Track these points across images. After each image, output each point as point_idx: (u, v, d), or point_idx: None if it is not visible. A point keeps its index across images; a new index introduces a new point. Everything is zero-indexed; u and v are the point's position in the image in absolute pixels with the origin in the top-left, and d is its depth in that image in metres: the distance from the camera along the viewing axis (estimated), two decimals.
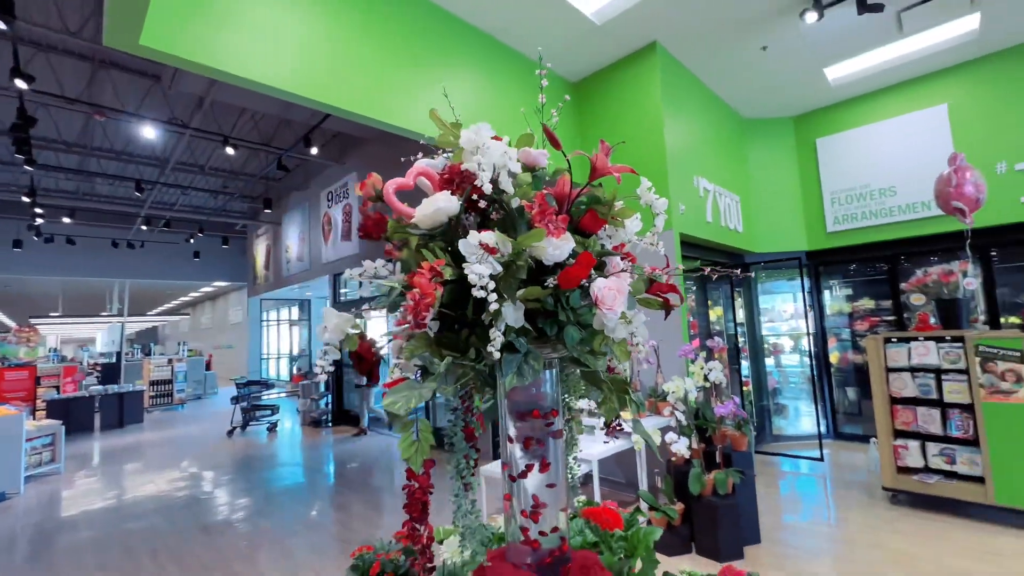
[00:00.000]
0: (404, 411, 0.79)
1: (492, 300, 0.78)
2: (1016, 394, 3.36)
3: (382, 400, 0.83)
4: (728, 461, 3.38)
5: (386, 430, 8.31)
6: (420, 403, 0.81)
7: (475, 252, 0.80)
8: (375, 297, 1.04)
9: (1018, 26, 4.55)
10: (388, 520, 4.37)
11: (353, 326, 0.97)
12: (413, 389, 0.83)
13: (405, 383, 0.85)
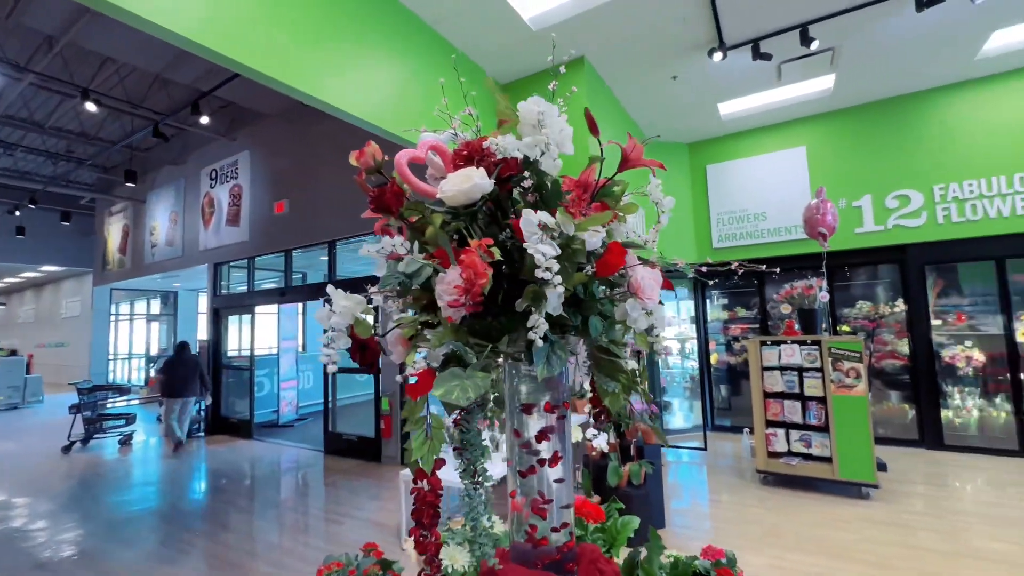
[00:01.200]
0: (464, 400, 0.71)
1: (557, 283, 0.74)
2: (856, 388, 4.11)
3: (434, 393, 0.74)
4: (640, 454, 3.63)
5: (269, 437, 7.53)
6: (479, 394, 0.74)
7: (535, 232, 0.75)
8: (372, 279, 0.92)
9: (862, 89, 5.62)
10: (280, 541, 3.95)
11: (364, 310, 0.86)
12: (462, 379, 0.75)
13: (449, 373, 0.77)
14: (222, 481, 5.51)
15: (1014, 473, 4.63)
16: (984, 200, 5.36)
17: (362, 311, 0.85)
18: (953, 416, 5.60)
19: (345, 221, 6.53)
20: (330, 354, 0.81)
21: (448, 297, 0.80)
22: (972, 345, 5.62)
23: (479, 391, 0.73)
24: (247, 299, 8.02)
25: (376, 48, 3.54)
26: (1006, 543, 3.24)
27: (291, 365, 9.12)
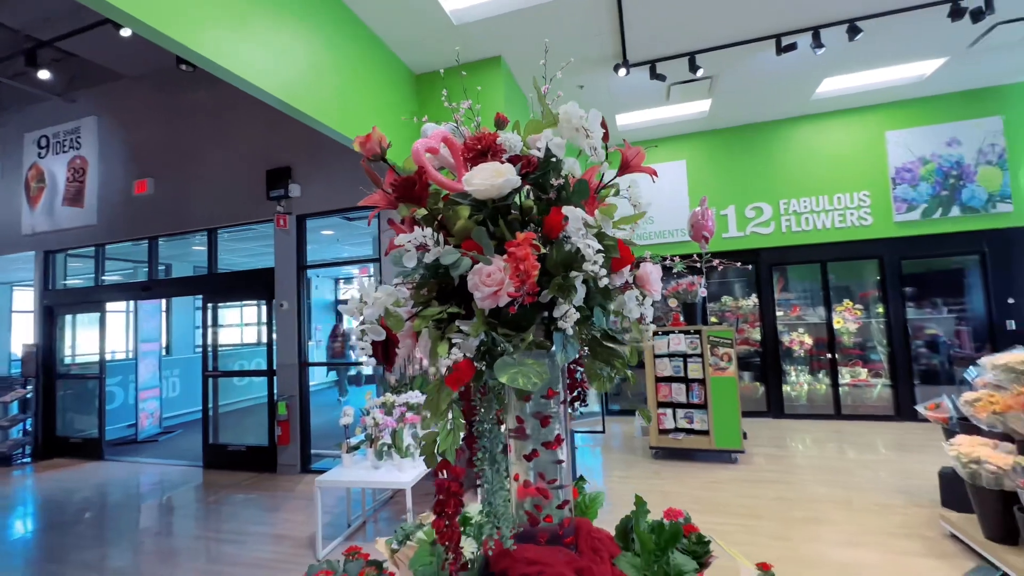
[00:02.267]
0: (531, 386, 0.74)
1: (602, 275, 0.80)
2: (728, 370, 4.83)
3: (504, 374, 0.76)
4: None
5: (127, 456, 6.44)
6: (544, 380, 0.77)
7: (580, 227, 0.80)
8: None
9: (731, 115, 6.54)
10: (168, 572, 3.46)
11: (396, 302, 0.84)
12: (520, 366, 0.78)
13: (502, 361, 0.79)
14: (71, 511, 4.59)
15: (832, 432, 5.83)
16: (813, 214, 6.61)
17: (393, 303, 0.83)
18: (790, 390, 6.85)
19: (228, 207, 5.82)
20: (364, 347, 0.78)
21: (488, 289, 0.82)
22: (803, 332, 6.91)
23: (543, 378, 0.77)
24: (95, 294, 6.73)
25: (288, 19, 3.24)
26: (829, 487, 4.10)
27: (153, 371, 7.87)
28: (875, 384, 6.58)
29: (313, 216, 5.55)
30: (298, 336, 5.38)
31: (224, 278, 6.13)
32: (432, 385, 0.92)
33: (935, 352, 6.54)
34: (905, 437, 5.48)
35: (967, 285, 6.43)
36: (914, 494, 3.85)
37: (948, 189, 6.08)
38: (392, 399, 3.68)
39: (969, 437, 2.96)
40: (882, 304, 6.53)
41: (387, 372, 0.98)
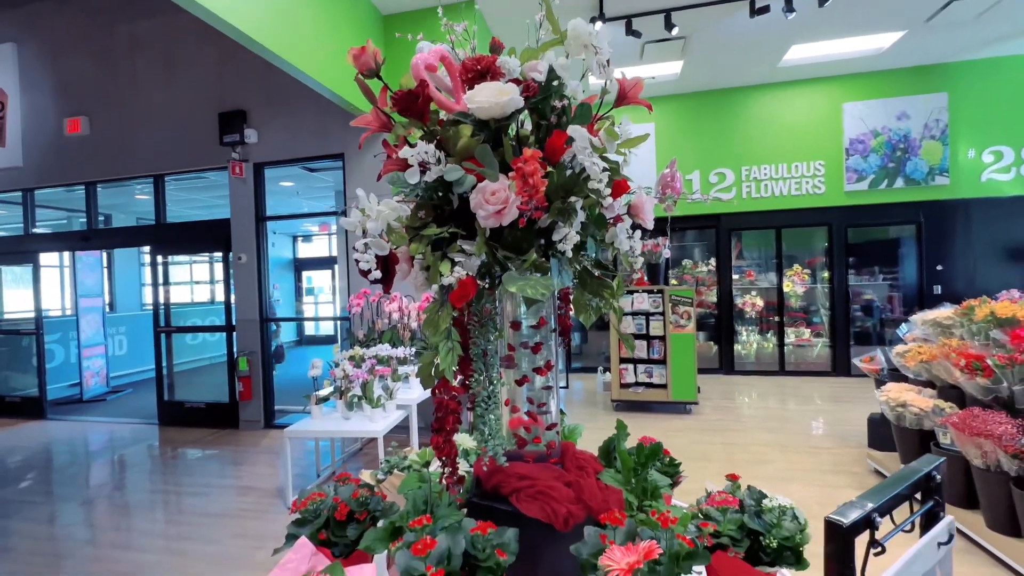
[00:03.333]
0: (540, 296, 0.76)
1: (606, 194, 0.82)
2: (687, 327, 5.07)
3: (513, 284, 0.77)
4: None
5: (72, 415, 6.15)
6: (550, 292, 0.79)
7: (586, 146, 0.81)
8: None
9: (700, 79, 6.58)
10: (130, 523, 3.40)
11: (399, 220, 0.83)
12: (527, 280, 0.80)
13: (508, 276, 0.80)
14: (14, 468, 4.37)
15: (776, 386, 6.29)
16: (771, 182, 6.86)
17: (395, 219, 0.82)
18: (741, 349, 7.29)
19: (177, 152, 5.41)
20: (368, 260, 0.77)
21: (491, 207, 0.82)
22: (755, 295, 7.30)
23: (549, 290, 0.79)
24: (26, 243, 6.18)
25: None
26: (771, 433, 4.48)
27: (96, 328, 7.41)
28: (816, 343, 7.11)
29: (271, 165, 5.25)
30: (259, 291, 5.18)
31: (174, 229, 5.76)
32: (432, 305, 0.93)
33: (869, 315, 7.10)
34: (840, 390, 5.99)
35: (901, 255, 6.95)
36: (845, 438, 4.26)
37: (895, 161, 6.44)
38: (361, 352, 3.66)
39: (897, 384, 3.28)
40: (828, 270, 6.97)
41: (385, 291, 0.97)
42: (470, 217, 0.89)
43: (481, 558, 0.84)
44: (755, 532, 0.94)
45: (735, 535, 0.94)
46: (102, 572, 2.71)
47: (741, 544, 0.93)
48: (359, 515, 1.05)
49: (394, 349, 3.75)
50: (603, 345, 7.33)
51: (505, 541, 0.89)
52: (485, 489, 1.06)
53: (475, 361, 1.03)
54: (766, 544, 0.92)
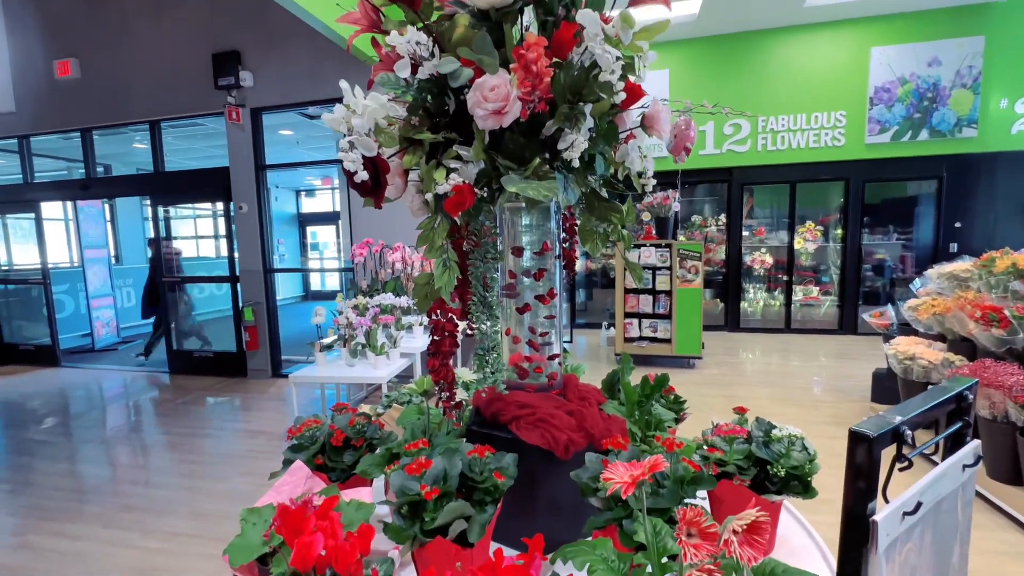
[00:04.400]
0: (542, 197, 0.70)
1: (619, 88, 0.73)
2: (694, 282, 5.00)
3: (515, 185, 0.70)
4: None
5: (85, 363, 6.28)
6: (552, 195, 0.72)
7: (598, 32, 0.72)
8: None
9: (720, 20, 6.18)
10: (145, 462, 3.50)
11: (387, 118, 0.75)
12: (528, 182, 0.73)
13: (508, 178, 0.73)
14: (34, 410, 4.51)
15: (781, 343, 6.27)
16: (788, 133, 6.58)
17: (384, 118, 0.74)
18: (747, 306, 7.24)
19: (171, 96, 5.22)
20: (354, 160, 0.70)
21: (491, 105, 0.74)
22: (765, 252, 7.17)
23: (552, 192, 0.72)
24: (26, 192, 6.12)
25: None
26: (773, 387, 4.49)
27: (103, 280, 7.46)
28: (824, 301, 7.03)
29: (269, 110, 5.07)
30: (261, 241, 5.13)
31: (174, 177, 5.65)
32: (427, 221, 0.86)
33: (880, 275, 6.98)
34: (845, 348, 5.97)
35: (918, 214, 6.75)
36: (847, 392, 4.27)
37: (921, 112, 6.12)
38: (365, 301, 3.64)
39: (907, 338, 3.23)
40: (841, 227, 6.79)
41: (376, 206, 0.89)
42: (467, 122, 0.81)
43: (478, 480, 0.82)
44: (762, 461, 0.91)
45: (741, 464, 0.91)
46: (118, 505, 2.81)
47: (747, 473, 0.91)
48: (356, 442, 1.03)
49: (397, 298, 3.72)
50: (608, 301, 7.30)
51: (504, 465, 0.86)
52: (484, 418, 1.03)
53: (474, 284, 0.98)
54: (773, 473, 0.89)
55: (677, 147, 3.36)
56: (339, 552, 0.62)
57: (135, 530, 2.54)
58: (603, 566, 0.61)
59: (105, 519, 2.68)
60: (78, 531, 2.57)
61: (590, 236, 1.16)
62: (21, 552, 2.42)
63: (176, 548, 2.39)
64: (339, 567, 0.61)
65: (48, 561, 2.33)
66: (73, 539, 2.50)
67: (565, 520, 0.97)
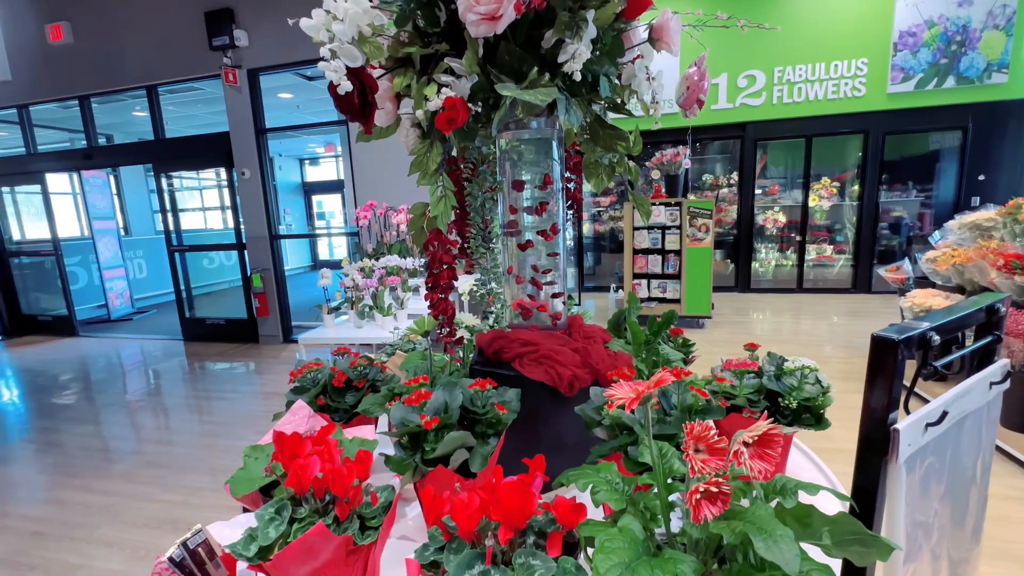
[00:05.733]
0: (540, 101, 0.65)
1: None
2: (704, 240, 4.90)
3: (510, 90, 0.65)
4: None
5: (102, 333, 6.41)
6: (552, 98, 0.67)
7: None
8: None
9: None
10: (165, 423, 3.60)
11: (372, 26, 0.69)
12: (527, 91, 0.67)
13: (505, 86, 0.68)
14: (56, 376, 4.64)
15: (792, 303, 6.20)
16: (806, 84, 6.28)
17: (369, 24, 0.68)
18: (758, 266, 7.13)
19: (166, 59, 5.09)
20: (337, 68, 0.65)
21: (483, 8, 0.68)
22: (778, 211, 6.99)
23: (550, 97, 0.67)
24: (30, 163, 6.10)
25: None
26: (783, 344, 4.47)
27: (114, 251, 7.52)
28: (838, 260, 6.90)
29: (266, 71, 4.93)
30: (265, 206, 5.10)
31: (174, 144, 5.58)
32: (420, 146, 0.82)
33: (896, 234, 6.79)
34: (858, 306, 5.88)
35: (939, 169, 6.49)
36: (858, 348, 4.22)
37: (948, 57, 5.79)
38: (371, 263, 3.62)
39: (923, 291, 3.15)
40: (858, 183, 6.57)
41: (365, 131, 0.86)
42: (460, 31, 0.75)
43: (480, 413, 0.80)
44: (774, 395, 0.89)
45: (752, 397, 0.88)
46: (140, 463, 2.91)
47: (758, 406, 0.88)
48: (357, 383, 1.02)
49: (403, 260, 3.70)
50: (616, 265, 7.22)
51: (507, 399, 0.85)
52: (487, 357, 1.01)
53: (472, 217, 0.94)
54: (785, 405, 0.86)
55: (689, 100, 3.19)
56: (336, 475, 0.61)
57: (157, 485, 2.63)
58: (607, 487, 0.60)
59: (128, 475, 2.77)
60: (103, 487, 2.66)
61: (594, 170, 1.10)
62: (51, 506, 2.53)
63: (197, 501, 2.48)
64: (336, 489, 0.60)
65: (77, 514, 2.43)
66: (99, 494, 2.59)
67: (569, 458, 0.95)
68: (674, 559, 0.50)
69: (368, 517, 0.65)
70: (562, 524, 0.55)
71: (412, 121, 0.89)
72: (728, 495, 0.51)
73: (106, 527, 2.29)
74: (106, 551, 2.11)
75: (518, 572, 0.51)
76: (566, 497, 0.57)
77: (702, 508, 0.50)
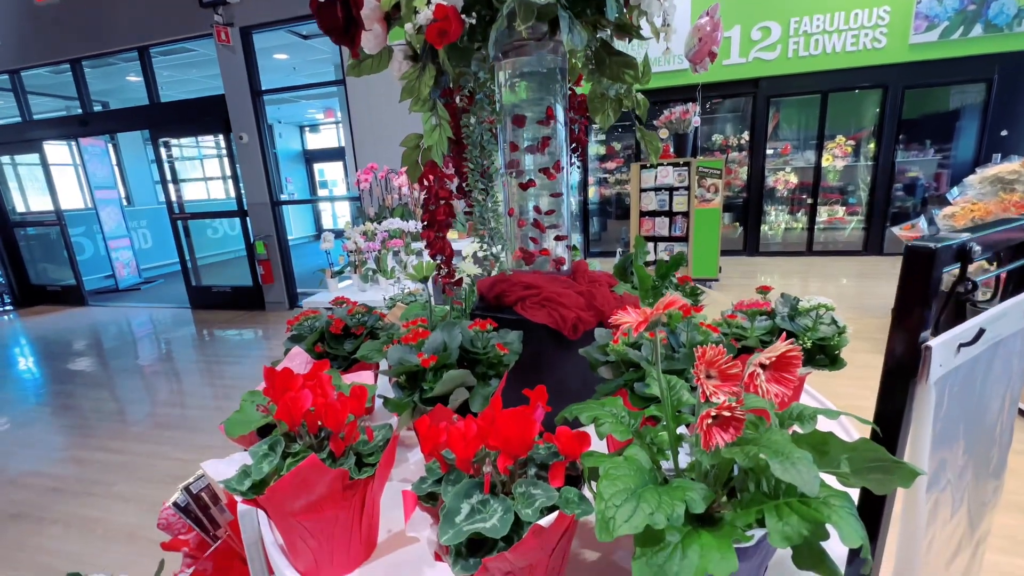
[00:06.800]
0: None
1: None
2: (713, 201, 4.79)
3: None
4: None
5: (111, 302, 6.47)
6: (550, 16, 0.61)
7: None
8: None
9: None
10: (179, 386, 3.66)
11: None
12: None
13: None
14: (70, 343, 4.71)
15: (801, 266, 6.11)
16: (823, 36, 5.98)
17: None
18: (767, 229, 6.99)
19: (156, 18, 4.91)
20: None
21: None
22: (790, 172, 6.80)
23: (552, 15, 0.61)
24: (26, 131, 6.02)
25: None
26: None
27: (117, 221, 7.50)
28: (850, 221, 6.75)
29: (259, 28, 4.75)
30: (265, 172, 5.02)
31: (170, 108, 5.46)
32: (411, 70, 0.76)
33: (911, 195, 6.60)
34: (869, 268, 5.79)
35: (959, 128, 6.24)
36: (868, 309, 4.17)
37: (976, 2, 5.46)
38: (373, 227, 3.57)
39: None
40: (874, 142, 6.34)
41: (352, 55, 0.80)
42: None
43: (480, 354, 0.77)
44: (787, 336, 0.85)
45: (764, 338, 0.85)
46: (153, 424, 2.96)
47: None
48: (356, 330, 0.99)
49: (405, 223, 3.64)
50: (622, 230, 7.12)
51: (508, 340, 0.82)
52: (488, 302, 0.98)
53: (470, 150, 0.88)
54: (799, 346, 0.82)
55: (701, 52, 3.01)
56: (329, 409, 0.58)
57: (170, 444, 2.69)
58: (611, 420, 0.57)
59: (142, 436, 2.83)
60: (118, 446, 2.73)
61: (600, 104, 1.04)
62: (69, 464, 2.60)
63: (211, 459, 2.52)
64: (329, 423, 0.58)
65: (94, 471, 2.49)
66: (114, 452, 2.65)
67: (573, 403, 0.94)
68: (683, 486, 0.47)
69: (365, 454, 0.63)
70: (565, 455, 0.53)
71: (405, 53, 0.83)
72: (741, 421, 0.48)
73: (122, 484, 2.35)
74: (122, 505, 2.18)
75: (518, 501, 0.49)
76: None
77: (713, 435, 0.47)
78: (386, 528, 0.71)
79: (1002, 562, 1.60)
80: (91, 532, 2.03)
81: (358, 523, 0.63)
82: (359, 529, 0.63)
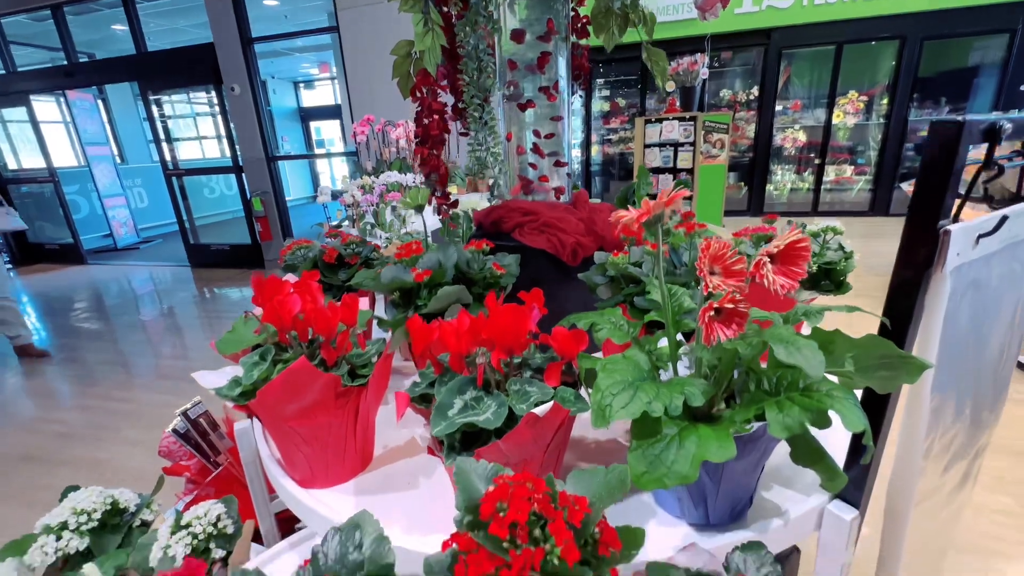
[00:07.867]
0: None
1: None
2: (719, 158, 4.67)
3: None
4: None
5: (110, 261, 6.45)
6: None
7: None
8: None
9: None
10: (183, 340, 3.68)
11: None
12: None
13: None
14: (73, 300, 4.72)
15: None
16: None
17: None
18: (773, 189, 6.87)
19: None
20: None
21: None
22: (799, 130, 6.60)
23: None
24: (11, 84, 5.82)
25: None
26: None
27: (111, 179, 7.38)
28: (857, 181, 6.61)
29: None
30: (259, 127, 4.89)
31: (157, 58, 5.26)
32: None
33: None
34: (875, 228, 5.71)
35: (976, 85, 6.00)
36: (872, 267, 4.11)
37: None
38: (371, 180, 3.49)
39: None
40: (887, 98, 6.12)
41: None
42: None
43: (476, 275, 0.75)
44: None
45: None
46: (156, 375, 3.00)
47: None
48: (350, 260, 0.97)
49: (403, 176, 3.57)
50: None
51: (506, 263, 0.79)
52: (486, 229, 0.95)
53: (465, 62, 0.83)
54: None
55: (710, 2, 2.77)
56: (318, 315, 0.57)
57: (173, 393, 2.73)
58: (609, 325, 0.55)
59: (148, 386, 2.88)
60: (124, 395, 2.77)
61: (605, 21, 0.97)
62: (77, 412, 2.64)
63: (216, 406, 2.57)
64: (319, 329, 0.57)
65: (102, 417, 2.54)
66: (120, 401, 2.70)
67: None
68: (682, 382, 0.46)
69: (359, 365, 0.62)
70: (561, 355, 0.51)
71: None
72: (744, 315, 0.46)
73: (128, 429, 2.40)
74: (129, 449, 2.23)
75: (513, 397, 0.48)
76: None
77: (715, 329, 0.46)
78: (382, 444, 0.71)
79: (989, 500, 1.64)
80: (100, 474, 2.08)
81: (352, 434, 0.62)
82: (354, 440, 0.63)
